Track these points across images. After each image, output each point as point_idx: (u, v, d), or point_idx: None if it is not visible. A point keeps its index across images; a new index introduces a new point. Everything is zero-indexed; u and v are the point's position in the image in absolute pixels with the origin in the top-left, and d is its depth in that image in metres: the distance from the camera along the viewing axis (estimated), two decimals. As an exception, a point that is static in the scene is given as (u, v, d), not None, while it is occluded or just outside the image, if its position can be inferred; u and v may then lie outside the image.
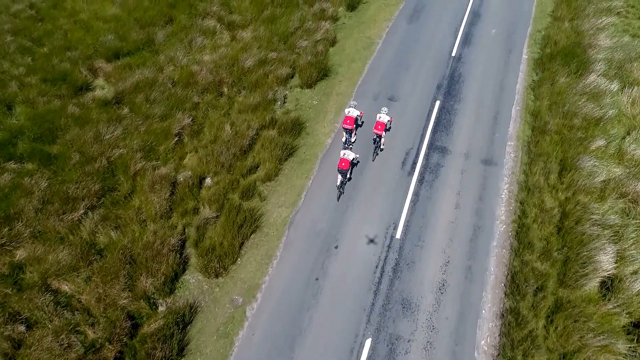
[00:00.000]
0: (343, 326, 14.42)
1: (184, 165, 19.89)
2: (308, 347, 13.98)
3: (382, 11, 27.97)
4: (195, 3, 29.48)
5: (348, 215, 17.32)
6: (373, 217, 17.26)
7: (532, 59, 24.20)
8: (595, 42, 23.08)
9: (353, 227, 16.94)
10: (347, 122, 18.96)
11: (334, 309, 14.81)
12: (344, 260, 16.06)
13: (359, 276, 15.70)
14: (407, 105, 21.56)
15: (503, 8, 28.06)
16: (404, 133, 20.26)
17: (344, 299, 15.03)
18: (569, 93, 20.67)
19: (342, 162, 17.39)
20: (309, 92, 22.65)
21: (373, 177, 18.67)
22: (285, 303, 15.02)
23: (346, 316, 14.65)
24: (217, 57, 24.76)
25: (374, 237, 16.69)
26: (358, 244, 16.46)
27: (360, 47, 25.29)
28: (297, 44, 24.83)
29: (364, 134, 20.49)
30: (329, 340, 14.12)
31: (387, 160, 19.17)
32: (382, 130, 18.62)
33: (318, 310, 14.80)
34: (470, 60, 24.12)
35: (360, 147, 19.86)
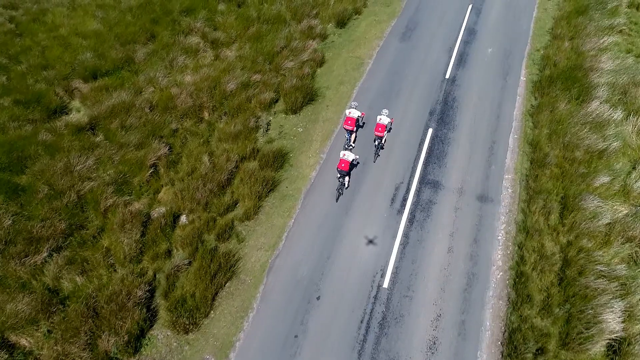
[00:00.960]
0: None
1: (158, 201, 18.37)
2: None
3: (373, 28, 26.39)
4: (179, 18, 27.91)
5: (332, 261, 15.79)
6: (359, 263, 15.76)
7: (530, 81, 22.66)
8: (597, 64, 21.54)
9: (337, 275, 15.45)
10: (348, 122, 18.52)
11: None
12: (327, 314, 14.53)
13: (343, 332, 14.17)
14: (398, 134, 20.01)
15: (500, 25, 26.51)
16: (394, 165, 18.76)
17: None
18: (570, 122, 19.13)
19: (341, 162, 16.86)
20: (293, 119, 21.08)
21: (361, 214, 17.14)
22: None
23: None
24: (199, 79, 23.21)
25: (359, 286, 15.15)
26: (342, 294, 14.96)
27: (349, 67, 23.71)
28: (282, 65, 23.26)
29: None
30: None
31: (376, 197, 17.66)
32: (382, 131, 18.24)
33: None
34: (465, 82, 22.56)
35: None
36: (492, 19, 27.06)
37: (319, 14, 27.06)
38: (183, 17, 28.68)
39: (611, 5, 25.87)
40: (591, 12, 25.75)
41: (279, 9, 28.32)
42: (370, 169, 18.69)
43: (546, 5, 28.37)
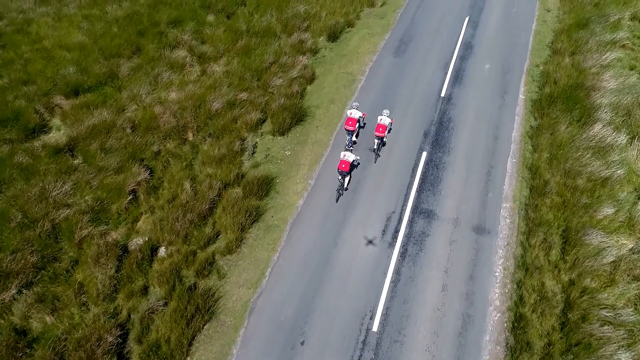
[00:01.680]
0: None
1: (136, 230, 17.22)
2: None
3: (366, 42, 25.18)
4: (166, 30, 26.68)
5: (319, 300, 14.64)
6: (347, 303, 14.60)
7: (529, 99, 21.49)
8: (600, 83, 20.38)
9: (323, 317, 14.32)
10: (349, 123, 18.31)
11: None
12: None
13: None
14: (390, 158, 18.86)
15: (498, 39, 25.32)
16: (386, 193, 17.65)
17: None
18: (571, 146, 18.01)
19: (342, 163, 16.67)
20: (281, 141, 19.89)
21: (350, 246, 16.01)
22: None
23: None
24: (184, 96, 22.05)
25: (347, 329, 14.01)
26: (328, 339, 13.84)
27: (340, 85, 22.51)
28: (270, 82, 22.10)
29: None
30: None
31: (366, 227, 16.50)
32: (383, 132, 18.05)
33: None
34: (461, 101, 21.38)
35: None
36: (489, 32, 25.87)
37: (310, 27, 25.86)
38: (170, 28, 27.47)
39: (613, 19, 24.70)
40: (592, 25, 24.56)
41: (269, 21, 27.13)
42: (361, 196, 17.51)
43: (545, 18, 27.18)
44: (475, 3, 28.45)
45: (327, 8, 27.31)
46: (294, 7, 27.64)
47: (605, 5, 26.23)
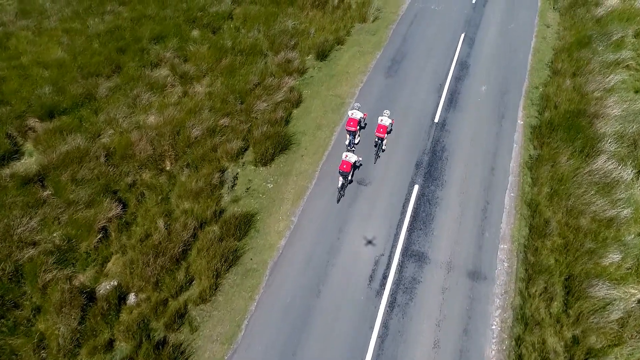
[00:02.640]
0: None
1: (105, 273, 15.78)
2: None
3: (356, 60, 23.66)
4: (149, 47, 25.17)
5: (300, 359, 13.13)
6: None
7: (528, 125, 20.00)
8: (603, 109, 18.92)
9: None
10: (350, 124, 18.13)
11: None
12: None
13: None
14: (379, 193, 17.41)
15: (495, 57, 23.82)
16: (374, 232, 16.27)
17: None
18: (573, 181, 16.58)
19: (343, 164, 16.50)
20: (263, 172, 18.41)
21: (335, 297, 14.63)
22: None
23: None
24: (163, 121, 20.59)
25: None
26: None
27: (328, 108, 21.01)
28: (254, 107, 20.59)
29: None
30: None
31: (352, 275, 14.97)
32: (384, 133, 17.93)
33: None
34: (456, 127, 19.91)
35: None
36: (486, 50, 24.34)
37: (298, 45, 24.35)
38: (153, 45, 25.99)
39: (616, 37, 23.20)
40: (594, 43, 23.06)
41: (256, 37, 25.63)
42: (347, 236, 16.06)
43: (545, 34, 25.67)
44: (471, 19, 26.92)
45: (317, 24, 25.80)
46: (282, 23, 26.14)
47: (607, 21, 24.72)
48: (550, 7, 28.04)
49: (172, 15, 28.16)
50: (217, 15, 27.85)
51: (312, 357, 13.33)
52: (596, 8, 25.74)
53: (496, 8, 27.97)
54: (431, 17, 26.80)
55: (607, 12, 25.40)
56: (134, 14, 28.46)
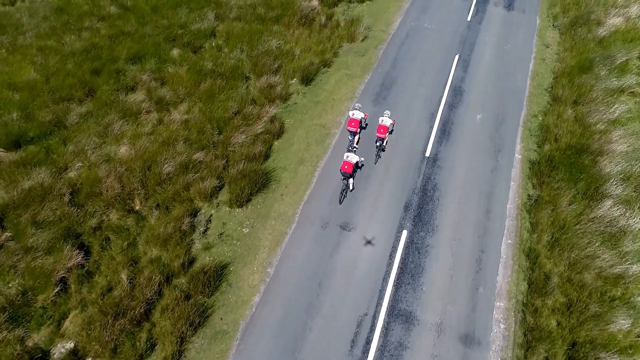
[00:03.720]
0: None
1: (62, 333, 14.07)
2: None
3: (343, 85, 21.89)
4: (125, 68, 23.42)
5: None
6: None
7: (527, 160, 18.30)
8: (607, 145, 17.24)
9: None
10: (351, 124, 17.89)
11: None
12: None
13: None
14: (364, 240, 15.57)
15: (491, 81, 22.09)
16: (358, 288, 14.65)
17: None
18: (576, 230, 14.81)
19: (344, 164, 16.17)
20: (239, 214, 16.69)
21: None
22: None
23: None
24: (134, 154, 18.90)
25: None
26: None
27: (312, 140, 19.27)
28: (232, 140, 18.84)
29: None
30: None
31: (332, 339, 13.33)
32: (384, 133, 17.71)
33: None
34: (448, 163, 18.19)
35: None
36: (482, 73, 22.59)
37: (282, 67, 22.58)
38: (130, 65, 24.22)
39: (620, 60, 21.48)
40: (597, 67, 21.33)
41: (238, 57, 23.85)
42: (329, 292, 14.39)
43: (544, 55, 23.92)
44: (466, 39, 25.15)
45: (302, 44, 24.03)
46: (266, 42, 24.34)
47: (610, 42, 22.99)
48: (549, 25, 26.29)
49: (151, 32, 26.39)
50: (199, 33, 26.08)
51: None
52: (598, 28, 24.01)
53: (492, 26, 26.21)
54: (424, 36, 25.01)
55: (609, 32, 23.68)
56: (112, 31, 26.70)
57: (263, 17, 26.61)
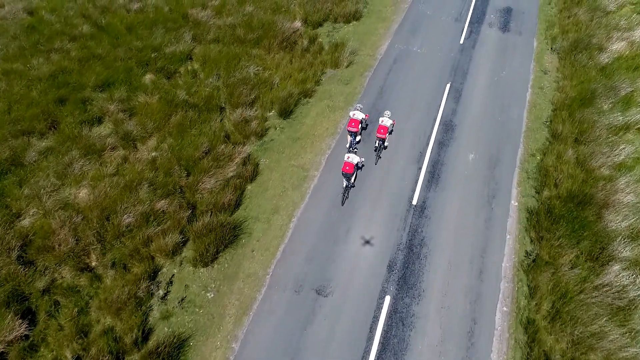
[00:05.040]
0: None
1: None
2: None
3: (325, 119, 19.87)
4: (93, 96, 21.36)
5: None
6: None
7: (524, 208, 16.35)
8: (613, 195, 15.31)
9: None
10: (352, 124, 17.48)
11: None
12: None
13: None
14: (342, 308, 14.01)
15: (485, 115, 20.10)
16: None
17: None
18: (580, 301, 12.79)
19: (346, 165, 15.87)
20: (204, 275, 14.69)
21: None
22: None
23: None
24: (93, 199, 16.75)
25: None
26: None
27: (288, 184, 17.25)
28: (200, 185, 16.82)
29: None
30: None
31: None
32: (384, 134, 17.42)
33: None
34: (438, 212, 16.21)
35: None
36: (475, 105, 20.55)
37: (260, 98, 20.48)
38: (98, 93, 22.14)
39: (625, 92, 19.45)
40: (599, 100, 19.35)
41: (214, 85, 21.71)
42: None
43: (542, 82, 21.90)
44: (458, 64, 23.08)
45: (283, 70, 21.96)
46: (244, 68, 22.23)
47: (613, 70, 20.98)
48: (547, 48, 24.26)
49: (124, 55, 24.25)
50: (174, 57, 23.98)
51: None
52: (600, 54, 21.98)
53: (487, 50, 24.13)
54: (413, 62, 22.92)
55: (612, 59, 21.67)
56: (83, 54, 24.59)
57: (242, 39, 24.52)
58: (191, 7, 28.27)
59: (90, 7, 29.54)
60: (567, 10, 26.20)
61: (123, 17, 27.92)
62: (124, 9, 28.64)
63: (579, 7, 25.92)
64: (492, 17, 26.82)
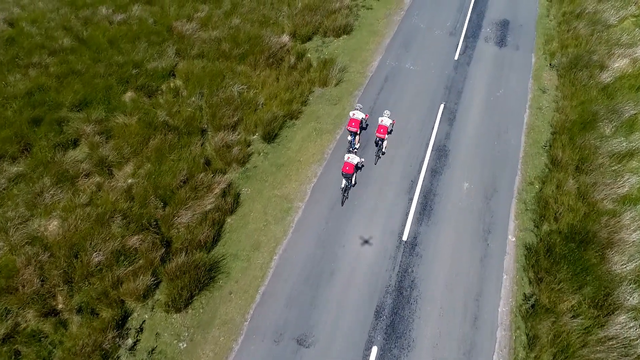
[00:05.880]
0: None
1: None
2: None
3: (311, 143, 18.61)
4: (69, 116, 20.05)
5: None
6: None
7: (522, 244, 15.13)
8: (617, 234, 14.07)
9: None
10: (352, 124, 17.27)
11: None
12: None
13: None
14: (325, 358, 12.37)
15: (480, 139, 18.89)
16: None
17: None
18: (583, 356, 11.48)
19: (346, 165, 15.65)
20: (177, 321, 13.50)
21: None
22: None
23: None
24: (63, 233, 15.47)
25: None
26: None
27: (271, 217, 16.00)
28: (176, 219, 15.44)
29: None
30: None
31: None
32: (384, 133, 17.17)
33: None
34: (430, 250, 14.99)
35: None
36: (470, 128, 19.30)
37: (243, 120, 19.20)
38: (75, 113, 20.82)
39: (628, 114, 18.22)
40: (601, 123, 18.16)
41: (196, 104, 20.40)
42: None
43: (541, 102, 20.65)
44: (452, 83, 21.79)
45: (268, 89, 20.67)
46: (229, 87, 20.93)
47: (615, 90, 19.72)
48: (546, 64, 22.98)
49: (104, 72, 22.93)
50: (156, 74, 22.66)
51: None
52: (601, 72, 20.72)
53: (482, 67, 22.83)
54: (405, 80, 21.60)
55: (614, 78, 20.40)
56: (62, 69, 23.27)
57: (228, 54, 23.21)
58: (176, 19, 26.94)
59: (73, 18, 28.24)
60: (567, 23, 24.90)
61: (105, 29, 26.61)
62: (106, 21, 27.32)
63: (579, 20, 24.64)
64: (488, 30, 25.52)
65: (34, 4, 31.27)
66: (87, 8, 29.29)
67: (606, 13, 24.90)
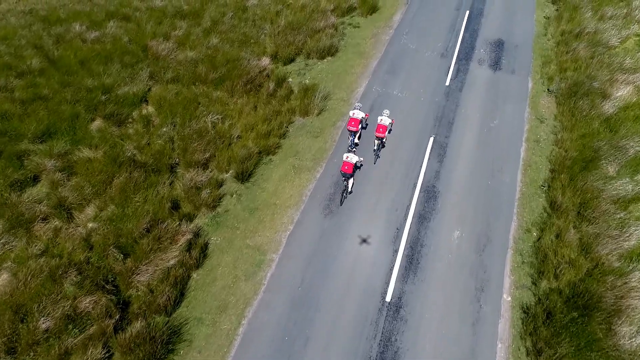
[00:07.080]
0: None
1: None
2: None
3: (289, 183, 16.79)
4: (31, 149, 18.23)
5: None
6: None
7: (518, 305, 13.44)
8: (625, 298, 12.24)
9: None
10: (352, 123, 17.09)
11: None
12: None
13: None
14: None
15: (473, 178, 17.13)
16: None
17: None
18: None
19: (344, 165, 15.32)
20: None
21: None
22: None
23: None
24: (11, 290, 13.67)
25: None
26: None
27: (241, 273, 14.23)
28: (135, 276, 13.62)
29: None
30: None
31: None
32: (383, 133, 16.96)
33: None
34: (416, 313, 13.24)
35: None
36: (461, 165, 17.48)
37: (216, 157, 17.34)
38: (37, 145, 18.99)
39: (633, 152, 16.38)
40: (604, 161, 16.45)
41: (169, 136, 18.57)
42: None
43: (538, 134, 18.86)
44: (443, 112, 19.94)
45: (245, 119, 18.87)
46: (203, 117, 19.09)
47: (619, 122, 17.96)
48: (543, 90, 21.16)
49: (71, 97, 21.09)
50: (127, 100, 20.82)
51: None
52: (603, 101, 18.90)
53: (476, 93, 20.98)
54: (392, 109, 19.61)
55: (617, 108, 18.61)
56: (28, 94, 21.47)
57: (204, 78, 21.32)
58: (152, 37, 25.05)
59: (45, 35, 26.36)
60: (565, 43, 23.06)
61: (78, 48, 24.78)
62: (79, 39, 25.44)
63: (579, 41, 22.81)
64: (482, 51, 23.66)
65: (5, 19, 29.36)
66: (61, 24, 27.48)
67: (607, 33, 23.07)
